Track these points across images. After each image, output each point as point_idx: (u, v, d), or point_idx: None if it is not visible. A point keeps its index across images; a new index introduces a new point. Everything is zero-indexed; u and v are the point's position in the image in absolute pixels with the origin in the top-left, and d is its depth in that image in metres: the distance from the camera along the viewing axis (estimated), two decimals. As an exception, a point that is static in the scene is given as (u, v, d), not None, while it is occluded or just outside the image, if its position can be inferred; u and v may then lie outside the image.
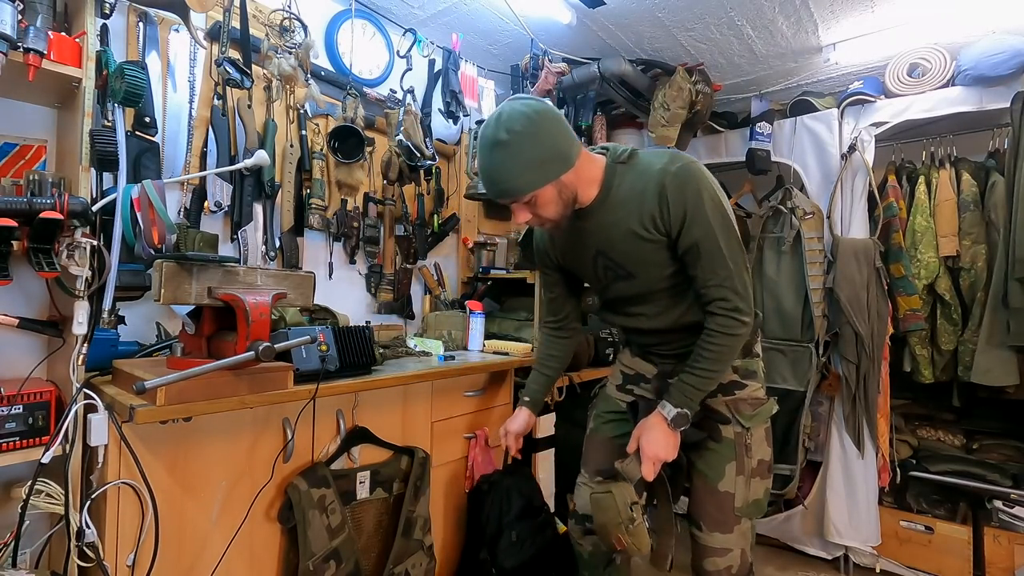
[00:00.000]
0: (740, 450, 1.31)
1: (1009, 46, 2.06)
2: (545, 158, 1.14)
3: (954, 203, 2.31)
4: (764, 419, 1.36)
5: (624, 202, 1.23)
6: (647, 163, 1.23)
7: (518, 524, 1.72)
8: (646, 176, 1.21)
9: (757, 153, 2.56)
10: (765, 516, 2.56)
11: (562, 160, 1.16)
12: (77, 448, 1.14)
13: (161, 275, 1.14)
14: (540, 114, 1.13)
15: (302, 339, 1.30)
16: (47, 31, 1.14)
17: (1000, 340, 2.07)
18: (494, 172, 1.16)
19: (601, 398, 1.59)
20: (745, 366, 1.38)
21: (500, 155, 1.13)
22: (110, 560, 1.12)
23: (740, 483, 1.30)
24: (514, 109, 1.13)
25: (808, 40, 2.34)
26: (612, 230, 1.26)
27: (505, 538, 1.69)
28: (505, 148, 1.12)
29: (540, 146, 1.13)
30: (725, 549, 1.31)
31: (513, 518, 1.73)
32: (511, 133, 1.11)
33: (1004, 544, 2.17)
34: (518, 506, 1.75)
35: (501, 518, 1.72)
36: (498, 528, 1.71)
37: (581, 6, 2.12)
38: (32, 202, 1.09)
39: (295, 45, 1.76)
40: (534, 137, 1.12)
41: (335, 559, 1.38)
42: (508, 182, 1.15)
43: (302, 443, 1.41)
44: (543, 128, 1.13)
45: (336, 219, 2.04)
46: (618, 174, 1.24)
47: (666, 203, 1.18)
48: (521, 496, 1.77)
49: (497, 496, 1.74)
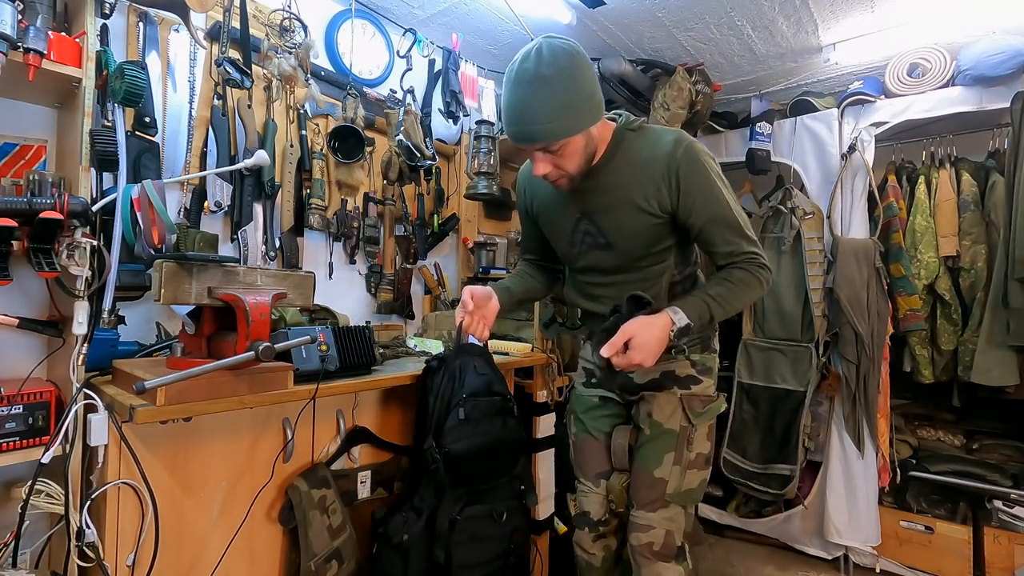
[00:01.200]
0: (682, 443, 1.35)
1: (1009, 46, 2.06)
2: (584, 104, 1.07)
3: (954, 203, 2.31)
4: (711, 417, 1.39)
5: (628, 169, 1.21)
6: (656, 135, 1.22)
7: (468, 402, 1.43)
8: (655, 148, 1.19)
9: (757, 153, 2.56)
10: (765, 516, 2.58)
11: (596, 110, 1.10)
12: (77, 448, 1.14)
13: (161, 275, 1.14)
14: (582, 56, 1.06)
15: (302, 339, 1.29)
16: (47, 31, 1.14)
17: (1000, 340, 2.07)
18: (530, 110, 1.06)
19: (574, 399, 1.58)
20: (703, 361, 1.40)
21: (539, 92, 1.04)
22: (110, 560, 1.12)
23: (675, 472, 1.35)
24: (555, 45, 1.05)
25: (808, 40, 2.34)
26: (608, 195, 1.24)
27: (452, 417, 1.41)
28: (546, 85, 1.03)
29: (581, 89, 1.06)
30: (648, 527, 1.35)
31: (464, 396, 1.43)
32: (555, 69, 1.02)
33: (1004, 544, 2.17)
34: (472, 384, 1.45)
35: (451, 398, 1.44)
36: (446, 409, 1.44)
37: (581, 6, 2.12)
38: (32, 202, 1.09)
39: (295, 45, 1.76)
40: (576, 78, 1.05)
41: (337, 559, 1.38)
42: (545, 124, 1.06)
43: (302, 443, 1.41)
44: (584, 70, 1.06)
45: (336, 219, 2.04)
46: (626, 140, 1.22)
47: (676, 183, 1.17)
48: (478, 375, 1.48)
49: (448, 373, 1.46)
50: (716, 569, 2.45)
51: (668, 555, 1.35)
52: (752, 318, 2.62)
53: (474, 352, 1.52)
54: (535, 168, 1.17)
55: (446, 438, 1.40)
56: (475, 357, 1.51)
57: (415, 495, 1.49)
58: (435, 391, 1.46)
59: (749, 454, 2.49)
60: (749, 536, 2.66)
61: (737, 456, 2.51)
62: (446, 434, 1.40)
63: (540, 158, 1.14)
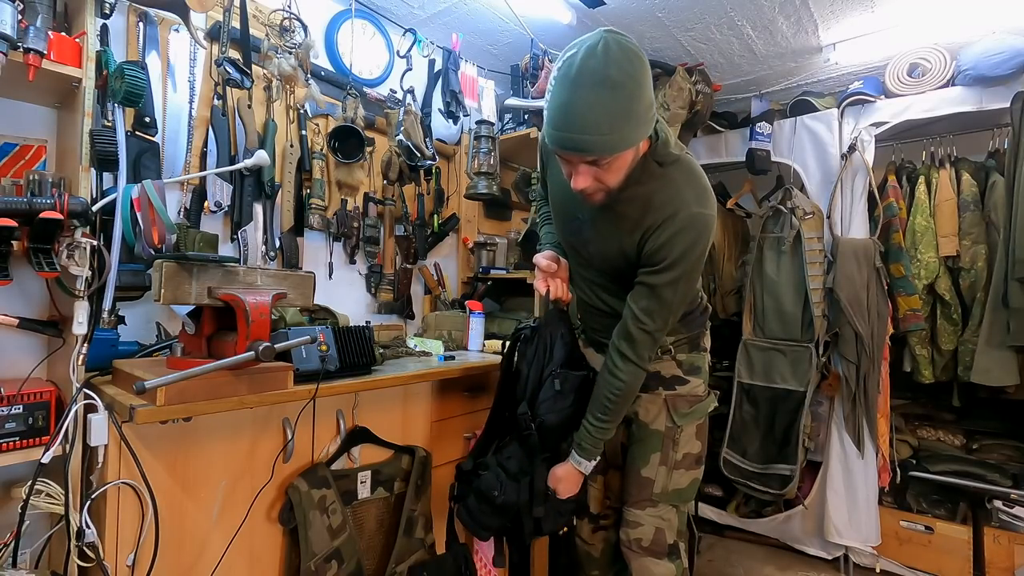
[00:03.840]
0: (667, 443, 1.37)
1: (1009, 46, 2.06)
2: (645, 115, 0.95)
3: (954, 203, 2.31)
4: (700, 416, 1.40)
5: (633, 202, 1.13)
6: (678, 185, 1.11)
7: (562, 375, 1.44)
8: (666, 197, 1.10)
9: (757, 153, 2.56)
10: (765, 516, 2.58)
11: (653, 120, 0.99)
12: (77, 448, 1.14)
13: (161, 275, 1.14)
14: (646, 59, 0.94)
15: (302, 339, 1.29)
16: (47, 31, 1.14)
17: (1000, 340, 2.07)
18: (590, 116, 0.91)
19: None
20: (690, 361, 1.39)
21: (604, 98, 0.90)
22: (110, 560, 1.12)
23: (662, 472, 1.36)
24: (624, 44, 0.91)
25: (808, 40, 2.35)
26: (602, 221, 1.20)
27: (547, 388, 1.42)
28: (614, 91, 0.90)
29: (645, 98, 0.94)
30: (637, 523, 1.37)
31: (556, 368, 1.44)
32: (624, 73, 0.89)
33: (1004, 544, 2.17)
34: (560, 355, 1.47)
35: (544, 367, 1.45)
36: (539, 379, 1.45)
37: (581, 6, 2.12)
38: (32, 202, 1.09)
39: (295, 45, 1.76)
40: (644, 86, 0.92)
41: (337, 559, 1.38)
42: (604, 135, 0.93)
43: (302, 443, 1.41)
44: (649, 76, 0.95)
45: (336, 219, 2.04)
46: (648, 172, 1.11)
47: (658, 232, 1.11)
48: (564, 344, 1.48)
49: (540, 342, 1.47)
50: (716, 569, 2.45)
51: (658, 551, 1.36)
52: (752, 318, 2.62)
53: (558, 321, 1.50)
54: (574, 181, 1.04)
55: (540, 407, 1.41)
56: (560, 326, 1.50)
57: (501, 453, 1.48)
58: (529, 358, 1.46)
59: (749, 454, 2.49)
60: (749, 536, 2.66)
61: (737, 456, 2.51)
62: (540, 404, 1.42)
63: (583, 171, 1.01)
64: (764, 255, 2.59)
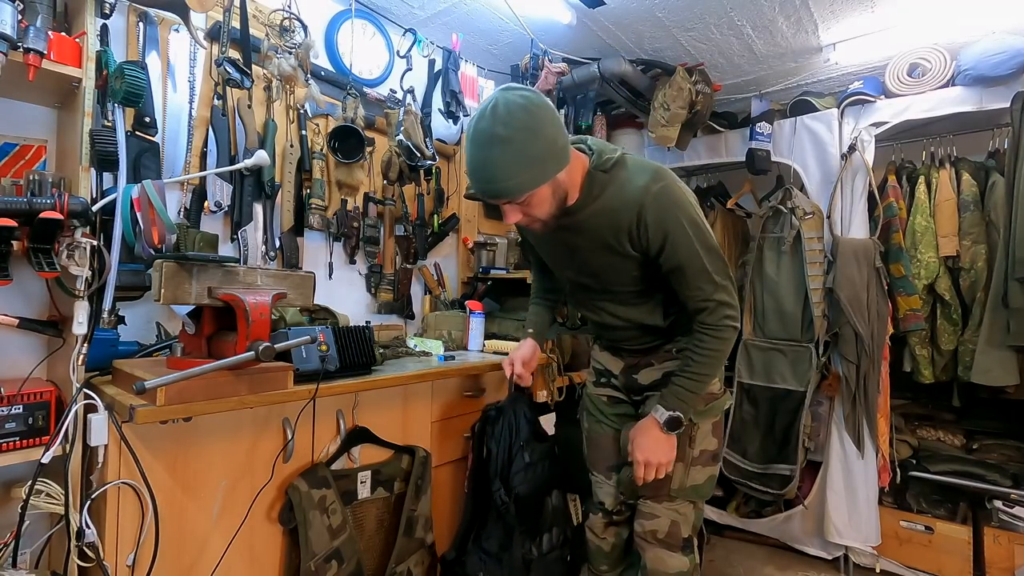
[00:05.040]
0: (684, 440, 1.37)
1: (1009, 46, 2.06)
2: (544, 156, 1.08)
3: (954, 203, 2.31)
4: (715, 413, 1.42)
5: (600, 214, 1.22)
6: (627, 179, 1.20)
7: (529, 447, 1.66)
8: (625, 194, 1.19)
9: (757, 153, 2.56)
10: (765, 516, 2.58)
11: (560, 157, 1.11)
12: (77, 448, 1.14)
13: (161, 275, 1.14)
14: (539, 107, 1.07)
15: (302, 339, 1.30)
16: (47, 31, 1.14)
17: (1000, 340, 2.07)
18: (490, 170, 1.07)
19: (585, 397, 1.64)
20: None
21: (498, 152, 1.05)
22: (110, 560, 1.12)
23: (679, 469, 1.37)
24: (511, 101, 1.05)
25: (808, 40, 2.34)
26: (585, 236, 1.26)
27: (518, 461, 1.62)
28: (504, 145, 1.04)
29: (539, 142, 1.06)
30: (653, 515, 1.40)
31: (523, 442, 1.66)
32: (509, 128, 1.03)
33: (1004, 544, 2.17)
34: (527, 431, 1.68)
35: (512, 443, 1.64)
36: (509, 454, 1.63)
37: (581, 6, 2.12)
38: (32, 202, 1.09)
39: (295, 45, 1.76)
40: (534, 133, 1.05)
41: (337, 559, 1.38)
42: (505, 181, 1.07)
43: (302, 443, 1.41)
44: (543, 122, 1.07)
45: (336, 219, 2.04)
46: (598, 183, 1.21)
47: (644, 227, 1.18)
48: (528, 422, 1.70)
49: (506, 421, 1.66)
50: (716, 569, 2.45)
51: (673, 544, 1.37)
52: (752, 318, 2.62)
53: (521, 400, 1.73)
54: (505, 218, 1.18)
55: (514, 481, 1.60)
56: (523, 404, 1.72)
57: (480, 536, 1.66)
58: (496, 437, 1.65)
59: (749, 454, 2.49)
60: (749, 536, 2.66)
61: (737, 456, 2.51)
62: (513, 477, 1.60)
63: (507, 209, 1.15)
64: (764, 255, 2.59)
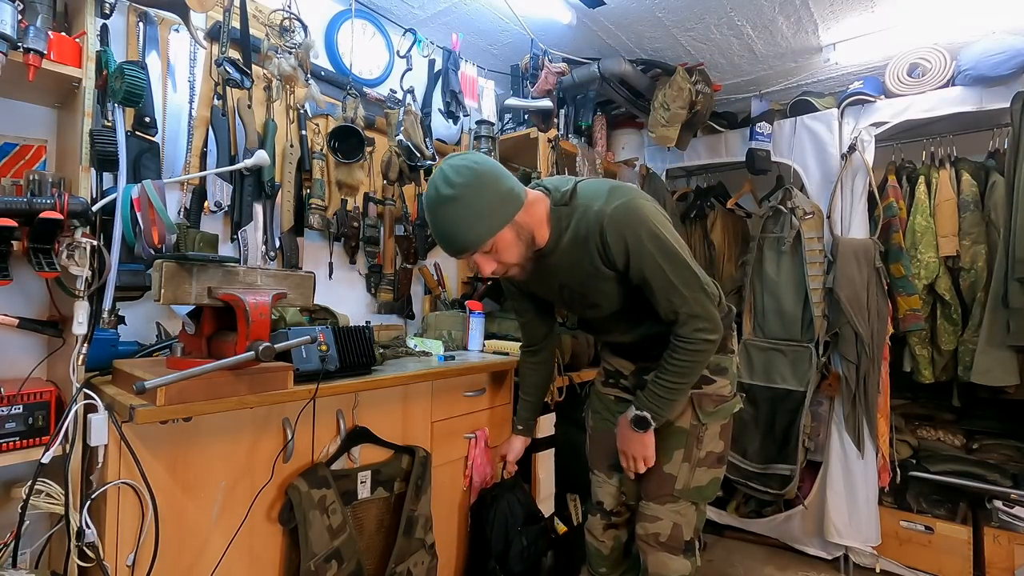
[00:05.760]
0: (692, 440, 1.38)
1: (1009, 46, 2.06)
2: (495, 201, 1.14)
3: (954, 203, 2.31)
4: (724, 416, 1.42)
5: (573, 245, 1.25)
6: (585, 205, 1.23)
7: (525, 531, 1.82)
8: (586, 220, 1.22)
9: (757, 153, 2.56)
10: (765, 516, 2.58)
11: (512, 201, 1.16)
12: (77, 448, 1.14)
13: (161, 275, 1.14)
14: (479, 163, 1.14)
15: (302, 339, 1.29)
16: (47, 31, 1.14)
17: (1000, 340, 2.07)
18: (449, 228, 1.14)
19: (593, 396, 1.65)
20: (717, 362, 1.41)
21: (451, 210, 1.12)
22: (110, 560, 1.12)
23: (684, 469, 1.38)
24: (452, 164, 1.14)
25: (808, 40, 2.35)
26: (567, 272, 1.30)
27: (516, 545, 1.78)
28: (454, 202, 1.12)
29: (487, 191, 1.13)
30: (655, 517, 1.40)
31: (520, 527, 1.81)
32: (455, 187, 1.11)
33: (1004, 544, 2.17)
34: (521, 515, 1.84)
35: (508, 528, 1.79)
36: (506, 538, 1.78)
37: (581, 6, 2.12)
38: (32, 202, 1.09)
39: (295, 45, 1.76)
40: (479, 184, 1.12)
41: (337, 559, 1.38)
42: (465, 234, 1.14)
43: (302, 443, 1.41)
44: (486, 174, 1.14)
45: (336, 219, 2.04)
46: (563, 217, 1.25)
47: (608, 246, 1.20)
48: (521, 505, 1.86)
49: (502, 508, 1.82)
50: (716, 569, 2.45)
51: (675, 547, 1.38)
52: (752, 318, 2.62)
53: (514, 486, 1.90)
54: (480, 270, 1.22)
55: (512, 562, 1.76)
56: (515, 490, 1.89)
57: None
58: (491, 522, 1.79)
59: (749, 454, 2.49)
60: (749, 536, 2.66)
61: (737, 456, 2.51)
62: (512, 560, 1.76)
63: (479, 260, 1.20)
64: (764, 255, 2.59)
